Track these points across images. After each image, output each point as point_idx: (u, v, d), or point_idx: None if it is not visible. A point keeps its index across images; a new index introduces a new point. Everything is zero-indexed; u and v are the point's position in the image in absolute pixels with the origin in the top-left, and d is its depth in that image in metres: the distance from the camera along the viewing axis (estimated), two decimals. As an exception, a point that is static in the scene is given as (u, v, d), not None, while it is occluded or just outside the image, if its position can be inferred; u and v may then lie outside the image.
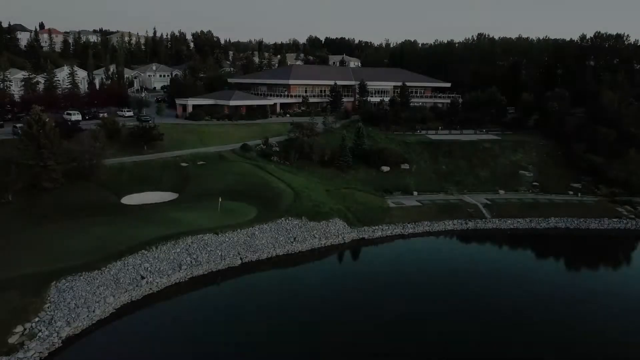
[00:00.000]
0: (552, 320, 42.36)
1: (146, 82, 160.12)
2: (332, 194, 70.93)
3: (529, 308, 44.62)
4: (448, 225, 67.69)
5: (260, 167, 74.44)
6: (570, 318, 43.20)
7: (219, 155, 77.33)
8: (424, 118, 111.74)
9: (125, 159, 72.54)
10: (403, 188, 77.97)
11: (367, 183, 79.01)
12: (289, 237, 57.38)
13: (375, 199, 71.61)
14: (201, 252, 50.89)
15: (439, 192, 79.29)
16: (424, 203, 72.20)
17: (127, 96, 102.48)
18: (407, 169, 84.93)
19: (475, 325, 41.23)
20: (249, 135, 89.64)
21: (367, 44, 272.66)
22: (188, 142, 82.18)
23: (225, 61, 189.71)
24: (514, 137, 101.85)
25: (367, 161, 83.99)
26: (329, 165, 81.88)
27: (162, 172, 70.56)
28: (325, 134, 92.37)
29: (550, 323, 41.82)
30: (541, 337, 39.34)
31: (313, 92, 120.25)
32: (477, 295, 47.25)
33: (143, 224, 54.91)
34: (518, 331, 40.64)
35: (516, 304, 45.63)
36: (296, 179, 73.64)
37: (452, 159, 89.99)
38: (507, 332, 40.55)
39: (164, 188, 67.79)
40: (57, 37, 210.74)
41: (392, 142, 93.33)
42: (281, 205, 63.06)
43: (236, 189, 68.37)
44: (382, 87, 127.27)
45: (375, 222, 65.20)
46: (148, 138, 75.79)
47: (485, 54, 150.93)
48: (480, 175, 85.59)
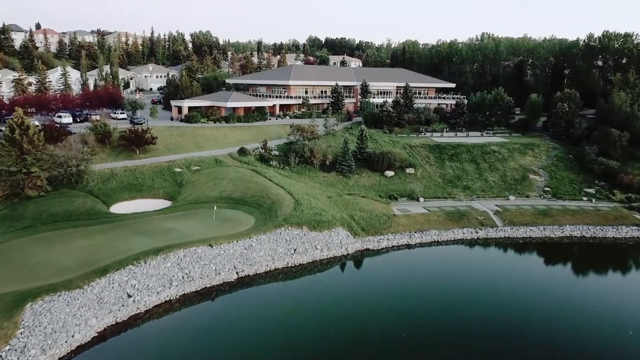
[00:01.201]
0: (577, 341, 38.64)
1: (142, 83, 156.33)
2: (335, 200, 67.22)
3: (548, 326, 40.88)
4: (457, 234, 63.94)
5: (259, 173, 70.73)
6: (596, 339, 39.46)
7: (215, 160, 73.58)
8: (428, 120, 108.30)
9: (116, 164, 68.79)
10: (409, 194, 74.24)
11: (370, 189, 75.31)
12: (288, 249, 53.63)
13: (380, 206, 67.86)
14: (194, 266, 47.14)
15: (446, 198, 75.58)
16: (431, 210, 68.44)
17: (120, 98, 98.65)
18: (413, 173, 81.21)
19: (497, 349, 37.48)
20: (247, 138, 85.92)
21: (368, 44, 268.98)
22: (183, 146, 78.43)
23: (223, 61, 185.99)
24: (522, 139, 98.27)
25: (371, 165, 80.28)
26: (330, 169, 78.20)
27: (154, 178, 66.79)
28: (326, 137, 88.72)
29: (576, 344, 38.09)
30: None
31: (313, 93, 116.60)
32: (495, 313, 43.51)
33: (132, 235, 51.22)
34: (541, 353, 36.90)
35: (535, 321, 41.88)
36: (296, 184, 69.95)
37: (459, 163, 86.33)
38: (530, 354, 36.81)
39: (156, 195, 64.06)
40: (53, 37, 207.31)
41: (396, 145, 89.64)
42: (280, 213, 59.34)
43: (233, 195, 64.74)
44: (385, 87, 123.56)
45: (380, 231, 61.47)
46: (140, 142, 72.02)
47: (490, 54, 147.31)
48: (489, 180, 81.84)
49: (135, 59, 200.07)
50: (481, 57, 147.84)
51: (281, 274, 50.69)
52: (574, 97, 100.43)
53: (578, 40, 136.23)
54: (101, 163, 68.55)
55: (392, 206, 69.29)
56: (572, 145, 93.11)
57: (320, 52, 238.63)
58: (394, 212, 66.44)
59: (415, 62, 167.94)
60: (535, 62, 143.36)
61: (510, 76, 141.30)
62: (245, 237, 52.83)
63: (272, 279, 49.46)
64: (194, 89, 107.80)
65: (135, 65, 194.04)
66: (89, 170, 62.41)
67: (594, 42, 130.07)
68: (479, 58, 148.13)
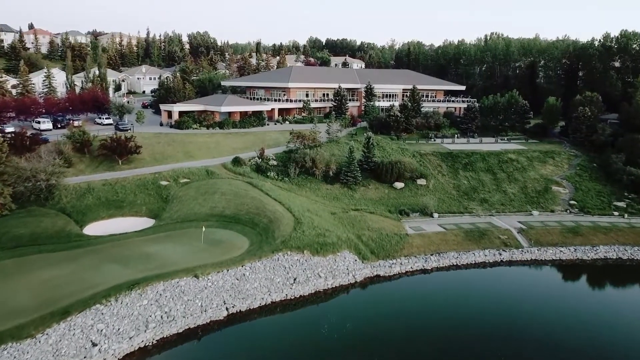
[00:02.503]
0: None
1: (135, 85, 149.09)
2: (339, 218, 59.94)
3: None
4: (478, 256, 56.62)
5: (255, 185, 63.43)
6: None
7: (206, 171, 66.27)
8: (437, 125, 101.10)
9: (94, 176, 61.50)
10: (421, 208, 66.95)
11: (379, 202, 68.04)
12: (287, 278, 46.33)
13: (391, 224, 60.59)
14: (176, 302, 39.86)
15: (463, 213, 68.29)
16: (448, 228, 61.13)
17: (106, 101, 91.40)
18: (424, 184, 73.91)
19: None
20: (242, 146, 78.63)
21: (370, 45, 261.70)
22: (171, 155, 71.12)
23: (220, 63, 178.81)
24: (540, 146, 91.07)
25: (378, 176, 73.01)
26: (334, 181, 70.93)
27: (137, 192, 59.45)
28: (329, 144, 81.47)
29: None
30: None
31: (315, 96, 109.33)
32: (528, 349, 36.34)
33: (105, 264, 43.98)
34: None
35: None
36: (296, 199, 62.68)
37: (474, 173, 79.06)
38: None
39: (138, 213, 56.75)
40: (45, 38, 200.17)
41: (405, 153, 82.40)
42: (278, 234, 52.06)
43: (225, 212, 57.50)
44: (390, 90, 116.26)
45: (392, 254, 54.18)
46: (123, 151, 64.78)
47: (500, 54, 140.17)
48: (508, 192, 74.53)
49: (130, 60, 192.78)
50: (491, 58, 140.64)
51: (279, 308, 43.47)
52: (596, 100, 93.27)
53: (593, 41, 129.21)
54: (78, 175, 61.33)
55: (404, 223, 62.00)
56: (595, 152, 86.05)
57: (321, 53, 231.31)
58: (407, 231, 59.14)
59: (420, 63, 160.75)
60: (548, 63, 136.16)
61: (522, 78, 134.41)
62: (237, 265, 45.60)
63: (268, 315, 42.25)
64: (186, 92, 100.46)
65: (130, 66, 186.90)
66: (62, 185, 55.15)
67: (611, 42, 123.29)
68: (488, 59, 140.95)
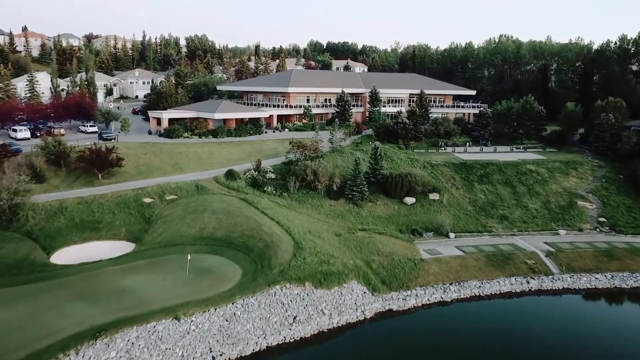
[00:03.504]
0: None
1: (127, 89, 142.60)
2: (345, 240, 53.09)
3: None
4: (504, 285, 49.78)
5: (250, 203, 56.57)
6: None
7: (196, 186, 59.42)
8: (447, 132, 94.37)
9: (69, 193, 54.69)
10: (435, 227, 60.16)
11: (388, 220, 61.24)
12: (286, 317, 39.49)
13: (403, 247, 53.73)
14: (151, 353, 33.04)
15: (482, 232, 61.50)
16: (467, 251, 54.28)
17: (91, 107, 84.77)
18: (437, 199, 67.12)
19: None
20: (237, 156, 71.87)
21: (372, 49, 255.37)
22: (158, 168, 64.32)
23: (217, 66, 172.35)
24: (559, 155, 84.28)
25: (387, 190, 66.21)
26: (338, 196, 64.14)
27: (116, 212, 52.61)
28: (332, 154, 74.73)
29: None
30: None
31: (316, 102, 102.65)
32: None
33: (71, 301, 37.17)
34: None
35: None
36: (296, 218, 55.83)
37: (491, 186, 72.26)
38: None
39: (116, 236, 49.90)
40: (37, 41, 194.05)
41: (414, 163, 75.64)
42: (276, 262, 45.25)
43: (215, 235, 50.71)
44: (396, 95, 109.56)
45: (406, 283, 47.36)
46: (103, 164, 58.02)
47: (510, 57, 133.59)
48: (530, 208, 67.70)
49: (124, 63, 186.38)
50: (500, 61, 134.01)
51: (275, 354, 36.76)
52: (620, 106, 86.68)
53: (608, 43, 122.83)
54: (51, 192, 54.53)
55: (417, 246, 55.15)
56: (621, 162, 79.20)
57: (323, 56, 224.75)
58: (421, 256, 52.29)
59: (426, 66, 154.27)
60: (561, 67, 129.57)
61: (533, 82, 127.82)
62: (227, 302, 38.77)
63: (262, 364, 35.48)
64: (179, 97, 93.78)
65: (125, 70, 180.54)
66: (28, 204, 48.35)
67: (628, 45, 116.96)
68: (498, 62, 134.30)
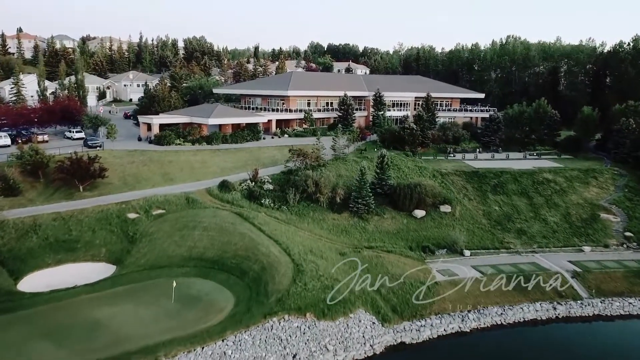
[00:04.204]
0: None
1: (121, 92, 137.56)
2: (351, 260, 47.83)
3: None
4: (528, 311, 44.64)
5: (245, 218, 51.39)
6: None
7: (186, 199, 54.24)
8: (456, 137, 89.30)
9: (46, 208, 49.59)
10: (449, 244, 55.00)
11: (397, 236, 56.09)
12: (284, 355, 34.34)
13: (414, 267, 48.35)
14: (124, 407, 27.90)
15: (499, 249, 56.36)
16: (485, 272, 49.07)
17: (78, 112, 79.74)
18: (449, 212, 61.96)
19: None
20: (232, 165, 66.73)
21: (374, 51, 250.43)
22: (146, 179, 59.20)
23: (215, 68, 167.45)
24: (576, 163, 79.15)
25: (395, 202, 61.07)
26: (342, 209, 58.95)
27: (96, 229, 47.45)
28: (335, 163, 69.65)
29: None
30: None
31: (317, 106, 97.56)
32: None
33: (33, 341, 32.05)
34: None
35: None
36: (296, 235, 50.65)
37: (506, 197, 67.11)
38: None
39: (95, 257, 44.80)
40: (30, 42, 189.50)
41: (423, 172, 70.50)
42: (273, 289, 40.12)
43: (206, 255, 45.61)
44: (402, 98, 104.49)
45: (420, 311, 42.19)
46: (84, 175, 52.93)
47: (519, 58, 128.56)
48: (549, 221, 62.54)
49: (120, 65, 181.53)
50: (509, 63, 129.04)
51: (272, 401, 31.57)
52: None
53: (622, 43, 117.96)
54: (26, 206, 49.50)
55: (430, 266, 49.91)
56: (643, 170, 74.25)
57: (323, 58, 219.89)
58: (435, 278, 47.07)
59: (431, 68, 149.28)
60: (572, 69, 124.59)
61: (543, 85, 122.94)
62: (216, 338, 33.68)
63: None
64: (172, 101, 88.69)
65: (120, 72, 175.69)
66: (-5, 223, 43.32)
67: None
68: (506, 64, 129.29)
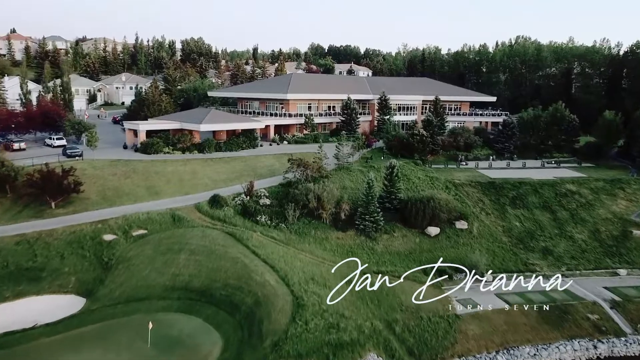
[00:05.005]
0: None
1: (113, 95, 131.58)
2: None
3: None
4: (565, 351, 38.53)
5: (238, 239, 45.25)
6: None
7: (172, 217, 48.12)
8: (468, 144, 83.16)
9: (9, 228, 43.49)
10: (468, 267, 48.66)
11: (409, 258, 49.97)
12: (281, 417, 28.19)
13: (431, 297, 42.09)
14: None
15: (523, 271, 50.08)
16: (511, 301, 42.99)
17: (61, 116, 73.70)
18: (466, 229, 55.89)
19: None
20: (226, 176, 60.60)
21: (376, 52, 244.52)
22: (128, 193, 53.05)
23: (211, 70, 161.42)
24: (599, 172, 73.13)
25: (405, 218, 54.98)
26: (347, 226, 52.86)
27: (66, 254, 41.34)
28: (338, 173, 63.59)
29: None
30: None
31: (319, 110, 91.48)
32: None
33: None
34: None
35: None
36: (296, 259, 44.49)
37: (527, 211, 61.02)
38: None
39: (62, 288, 38.60)
40: (22, 43, 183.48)
41: (435, 183, 64.43)
42: (268, 328, 33.98)
43: (192, 284, 39.44)
44: (408, 101, 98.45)
45: (440, 353, 36.17)
46: (56, 190, 46.84)
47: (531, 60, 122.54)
48: (577, 239, 56.45)
49: (114, 67, 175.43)
50: (520, 64, 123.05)
51: None
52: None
53: (638, 43, 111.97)
54: (-14, 227, 43.39)
55: (448, 293, 43.73)
56: (674, 181, 68.19)
57: (325, 60, 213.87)
58: (456, 310, 41.04)
59: (437, 70, 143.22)
60: (586, 70, 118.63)
61: (555, 87, 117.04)
62: (198, 398, 27.52)
63: None
64: (163, 105, 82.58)
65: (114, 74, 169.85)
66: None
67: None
68: (517, 65, 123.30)
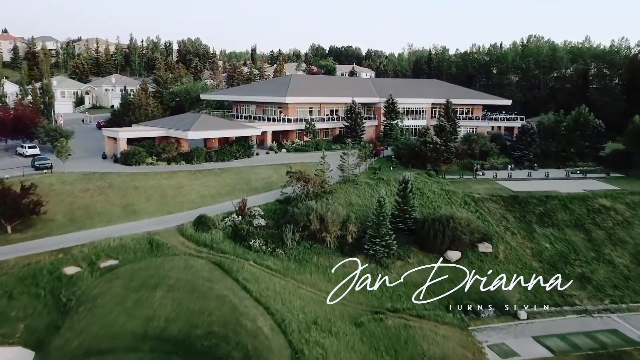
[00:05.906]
0: None
1: (102, 98, 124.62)
2: (371, 334, 34.69)
3: None
4: (626, 415, 31.41)
5: (227, 271, 38.07)
6: None
7: (149, 243, 40.89)
8: (484, 152, 76.10)
9: (-48, 259, 36.38)
10: (497, 300, 41.70)
11: (427, 290, 42.65)
12: None
13: (458, 343, 35.25)
14: None
15: (561, 305, 43.09)
16: (554, 347, 35.87)
17: (35, 123, 66.67)
18: (490, 252, 48.78)
19: None
20: (215, 191, 53.41)
21: (378, 53, 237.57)
22: (101, 213, 45.86)
23: (207, 71, 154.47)
24: (632, 184, 66.15)
25: (421, 241, 47.83)
26: (354, 250, 45.61)
27: (16, 293, 34.03)
28: (343, 186, 56.48)
29: None
30: None
31: (321, 114, 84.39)
32: None
33: None
34: None
35: None
36: (295, 296, 37.28)
37: (557, 230, 53.93)
38: None
39: (6, 340, 31.18)
40: (11, 44, 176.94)
41: (452, 198, 57.35)
42: (260, 396, 26.77)
43: (168, 333, 31.96)
44: (417, 105, 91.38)
45: (475, 422, 28.92)
46: (13, 213, 39.70)
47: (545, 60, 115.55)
48: (617, 263, 49.33)
49: (106, 68, 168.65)
50: (533, 65, 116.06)
51: None
52: None
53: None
54: None
55: (477, 336, 36.66)
56: None
57: (326, 61, 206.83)
58: (487, 359, 33.83)
59: (444, 71, 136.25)
60: (603, 72, 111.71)
61: (571, 90, 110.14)
62: None
63: None
64: (150, 109, 75.45)
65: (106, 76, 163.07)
66: None
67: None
68: (530, 66, 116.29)
